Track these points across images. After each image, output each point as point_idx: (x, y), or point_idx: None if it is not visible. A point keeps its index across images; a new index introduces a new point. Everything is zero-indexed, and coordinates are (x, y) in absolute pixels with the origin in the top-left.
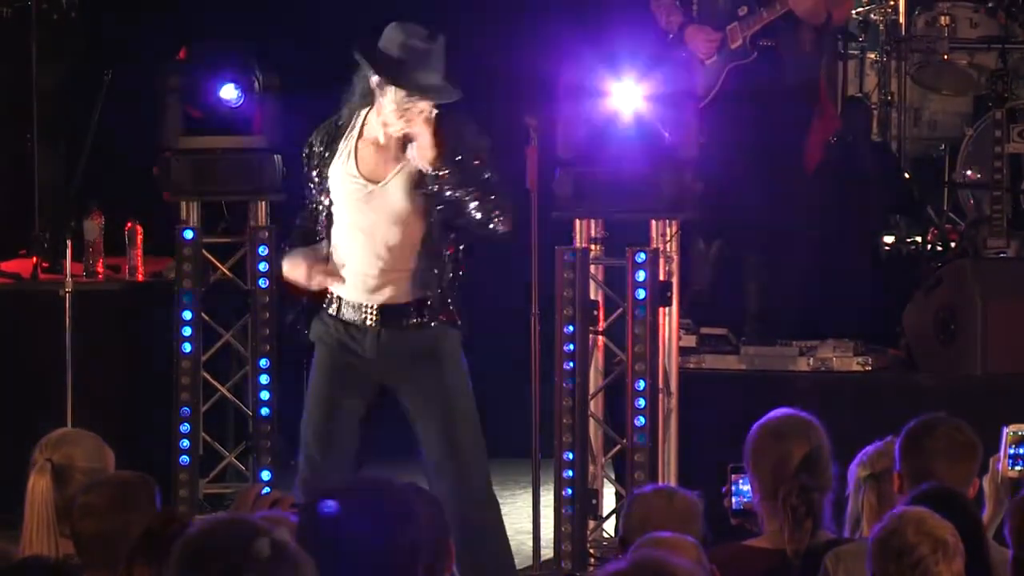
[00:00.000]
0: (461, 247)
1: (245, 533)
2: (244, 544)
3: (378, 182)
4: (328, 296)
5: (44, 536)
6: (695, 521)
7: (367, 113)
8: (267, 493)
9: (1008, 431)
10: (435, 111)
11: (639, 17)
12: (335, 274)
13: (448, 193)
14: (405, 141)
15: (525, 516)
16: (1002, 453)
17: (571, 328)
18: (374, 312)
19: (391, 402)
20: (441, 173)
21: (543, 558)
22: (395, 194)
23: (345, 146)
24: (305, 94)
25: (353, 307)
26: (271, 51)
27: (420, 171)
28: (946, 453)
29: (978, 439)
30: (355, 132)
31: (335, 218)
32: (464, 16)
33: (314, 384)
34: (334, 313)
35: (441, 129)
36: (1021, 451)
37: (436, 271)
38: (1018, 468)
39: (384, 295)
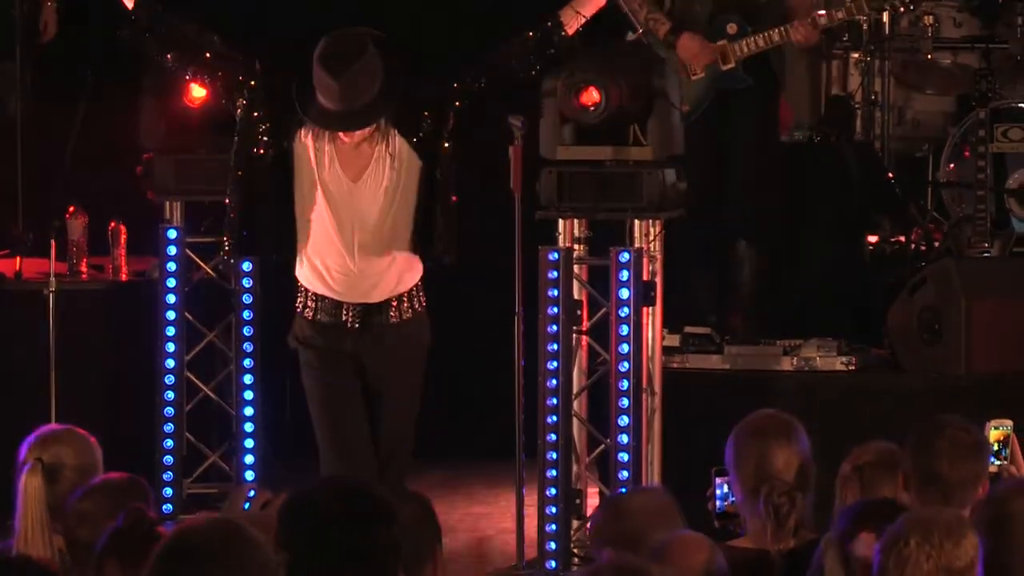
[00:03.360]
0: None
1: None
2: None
3: (359, 177)
4: (302, 298)
5: (38, 535)
6: (681, 521)
7: None
8: (257, 494)
9: (990, 427)
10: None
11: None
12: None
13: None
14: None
15: (509, 516)
16: None
17: (555, 328)
18: (353, 313)
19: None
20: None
21: (527, 558)
22: (378, 185)
23: (316, 135)
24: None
25: (329, 310)
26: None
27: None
28: (951, 453)
29: (986, 440)
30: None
31: (308, 211)
32: (446, 13)
33: (314, 391)
34: (310, 317)
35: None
36: (1003, 446)
37: (411, 265)
38: (998, 463)
39: (363, 294)
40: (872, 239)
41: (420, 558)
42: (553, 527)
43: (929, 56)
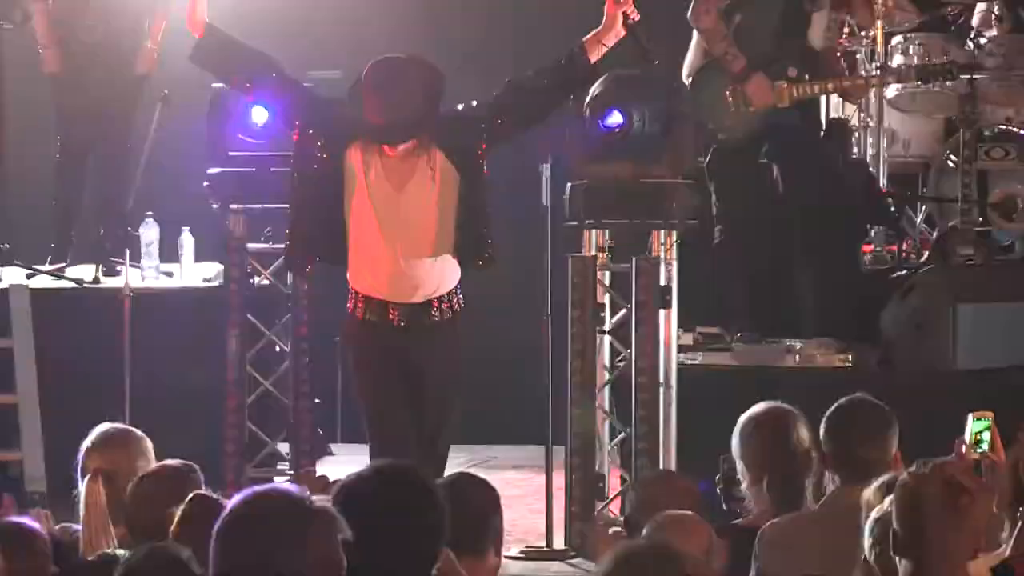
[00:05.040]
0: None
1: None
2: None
3: (402, 188)
4: (352, 299)
5: (100, 536)
6: (694, 503)
7: None
8: (314, 479)
9: (972, 417)
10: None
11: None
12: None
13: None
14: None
15: (539, 497)
16: (967, 437)
17: (580, 328)
18: (399, 312)
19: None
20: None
21: (555, 534)
22: (420, 195)
23: (365, 150)
24: None
25: (377, 310)
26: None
27: (445, 169)
28: (865, 431)
29: (893, 416)
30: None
31: (357, 220)
32: (479, 34)
33: (363, 385)
34: (360, 317)
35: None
36: (984, 436)
37: (450, 268)
38: (979, 451)
39: (408, 295)
40: (868, 249)
41: (487, 539)
42: (578, 508)
43: (919, 83)
